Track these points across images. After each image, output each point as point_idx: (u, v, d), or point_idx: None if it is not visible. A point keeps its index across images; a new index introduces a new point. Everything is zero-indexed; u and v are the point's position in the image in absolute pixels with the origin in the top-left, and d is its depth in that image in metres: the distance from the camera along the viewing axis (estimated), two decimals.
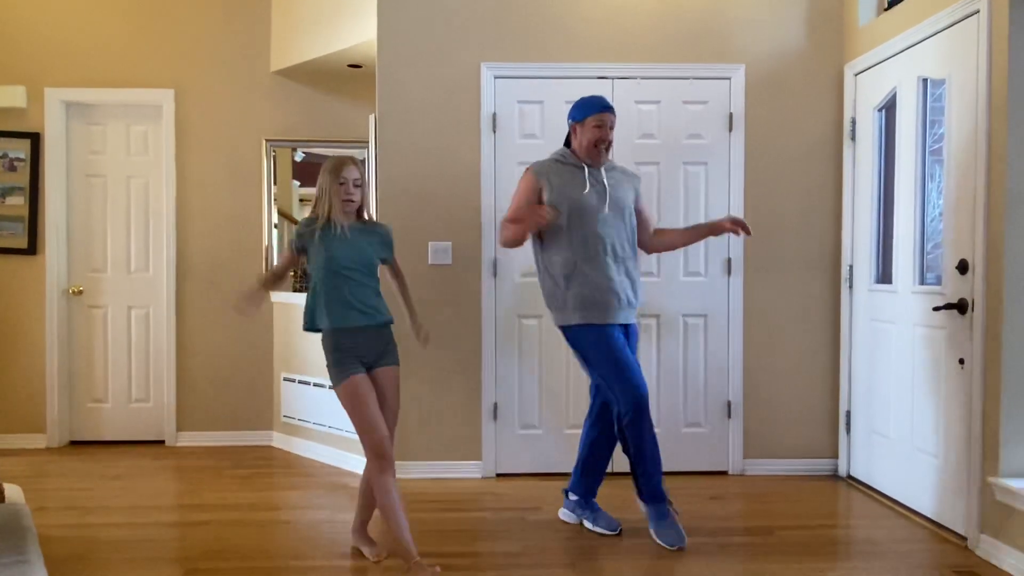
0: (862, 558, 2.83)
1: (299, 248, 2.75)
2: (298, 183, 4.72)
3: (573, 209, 2.97)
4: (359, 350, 2.69)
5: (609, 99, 3.89)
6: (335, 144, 4.62)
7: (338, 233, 2.68)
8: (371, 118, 4.18)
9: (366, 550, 2.81)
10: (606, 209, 2.99)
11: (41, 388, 4.56)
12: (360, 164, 2.79)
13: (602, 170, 3.06)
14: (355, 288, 2.68)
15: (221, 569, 2.70)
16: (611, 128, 3.03)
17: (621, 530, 3.07)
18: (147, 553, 2.85)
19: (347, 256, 2.68)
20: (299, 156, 4.70)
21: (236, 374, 4.64)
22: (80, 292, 4.63)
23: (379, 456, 2.62)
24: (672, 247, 3.30)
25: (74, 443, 4.64)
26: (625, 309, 3.01)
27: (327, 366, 2.71)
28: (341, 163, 2.71)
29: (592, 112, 3.00)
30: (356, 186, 2.71)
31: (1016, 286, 2.74)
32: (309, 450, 4.34)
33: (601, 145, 3.01)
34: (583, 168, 3.04)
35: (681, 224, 3.82)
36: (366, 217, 2.82)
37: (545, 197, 3.00)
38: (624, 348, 2.97)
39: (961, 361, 2.97)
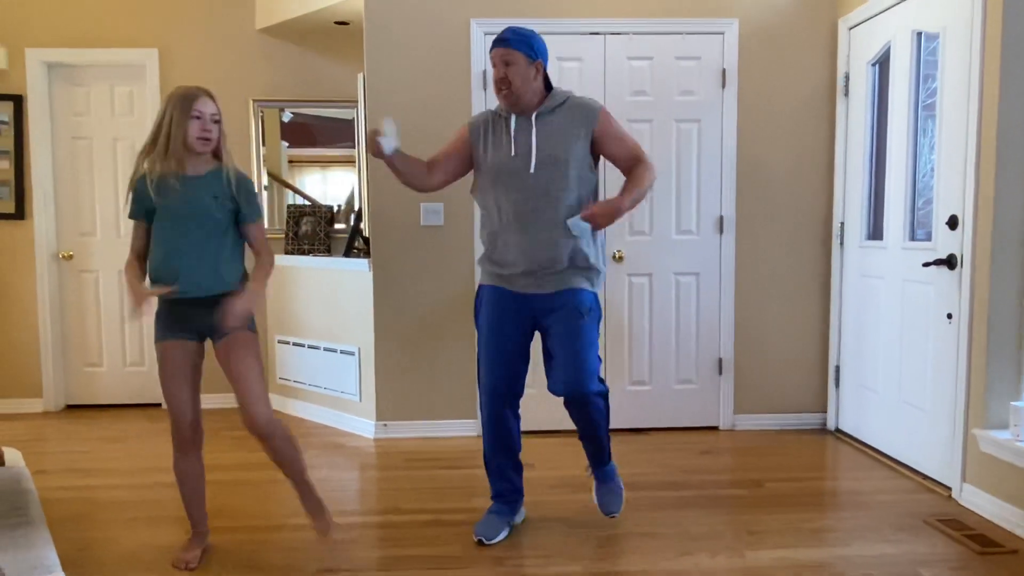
0: (848, 508, 2.90)
1: (142, 212, 2.39)
2: (287, 144, 4.67)
3: (492, 171, 2.56)
4: (185, 316, 2.38)
5: (601, 55, 3.88)
6: (324, 103, 4.57)
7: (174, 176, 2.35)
8: (359, 77, 4.11)
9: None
10: (531, 168, 2.49)
11: (35, 353, 4.56)
12: (215, 99, 2.45)
13: (533, 117, 2.51)
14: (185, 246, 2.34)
15: (222, 528, 2.75)
16: (509, 64, 2.45)
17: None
18: (149, 513, 2.90)
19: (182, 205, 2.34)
20: (287, 116, 4.64)
21: None
22: (70, 257, 4.60)
23: (176, 436, 2.42)
24: None
25: (71, 407, 4.67)
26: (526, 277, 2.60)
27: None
28: (194, 94, 2.36)
29: (490, 52, 2.54)
30: (215, 121, 2.38)
31: (1004, 242, 2.76)
32: (305, 411, 4.38)
33: (501, 88, 2.48)
34: (508, 119, 2.55)
35: (673, 189, 3.86)
36: (225, 161, 2.43)
37: (476, 155, 2.61)
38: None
39: (949, 316, 3.01)
